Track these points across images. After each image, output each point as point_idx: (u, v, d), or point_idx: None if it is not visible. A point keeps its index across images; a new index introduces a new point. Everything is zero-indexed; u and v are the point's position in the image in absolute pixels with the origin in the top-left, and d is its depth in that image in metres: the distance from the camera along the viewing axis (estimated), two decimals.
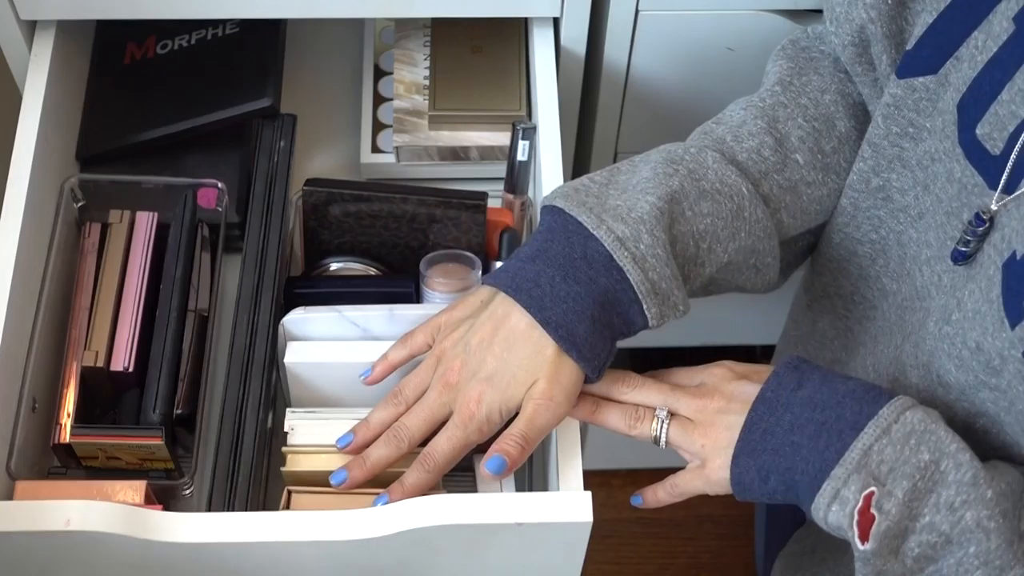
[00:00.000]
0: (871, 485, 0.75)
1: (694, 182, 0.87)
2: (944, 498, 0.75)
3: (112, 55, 1.14)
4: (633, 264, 0.82)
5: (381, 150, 1.15)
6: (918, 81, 0.83)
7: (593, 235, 0.83)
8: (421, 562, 0.88)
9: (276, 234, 1.01)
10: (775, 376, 0.81)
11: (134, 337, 0.98)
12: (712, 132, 0.92)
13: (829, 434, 0.77)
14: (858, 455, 0.76)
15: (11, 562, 0.85)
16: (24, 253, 0.94)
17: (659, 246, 0.83)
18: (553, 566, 0.90)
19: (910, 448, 0.76)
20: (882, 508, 0.75)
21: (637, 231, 0.83)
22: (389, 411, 0.89)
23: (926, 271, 0.84)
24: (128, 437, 0.93)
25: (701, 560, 1.79)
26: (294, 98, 1.14)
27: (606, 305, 0.83)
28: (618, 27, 1.11)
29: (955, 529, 0.75)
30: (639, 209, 0.84)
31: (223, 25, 1.13)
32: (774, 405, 0.80)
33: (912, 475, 0.75)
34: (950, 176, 0.80)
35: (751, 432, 0.81)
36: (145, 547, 0.82)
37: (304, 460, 0.91)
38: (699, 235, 0.86)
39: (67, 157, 1.08)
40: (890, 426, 0.76)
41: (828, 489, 0.76)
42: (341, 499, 0.89)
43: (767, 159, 0.90)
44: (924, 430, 0.76)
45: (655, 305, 0.83)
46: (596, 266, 0.83)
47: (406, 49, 1.16)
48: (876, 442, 0.76)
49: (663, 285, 0.83)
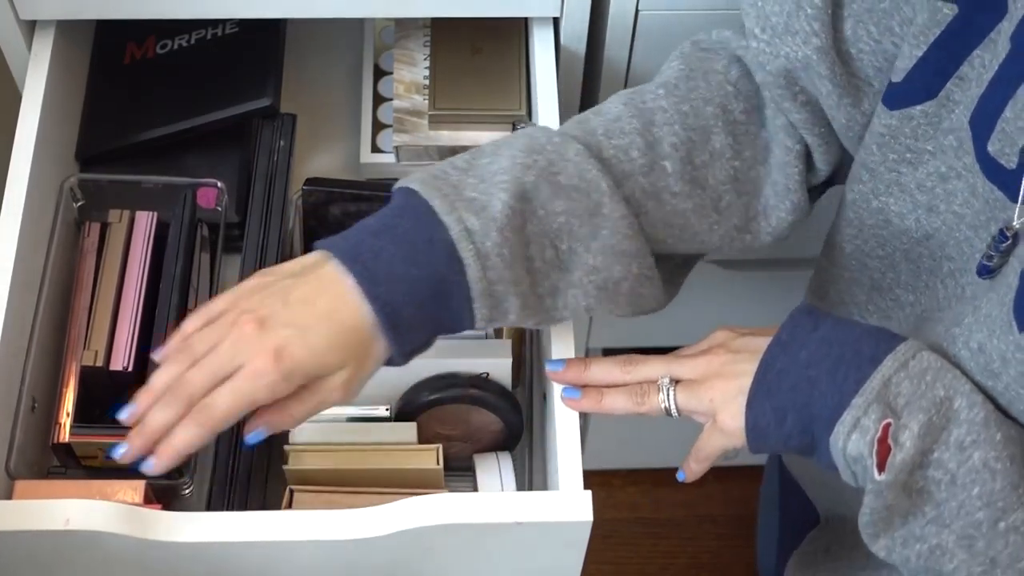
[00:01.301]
0: (888, 416, 0.76)
1: (550, 175, 0.83)
2: (955, 436, 0.75)
3: (112, 55, 1.14)
4: (475, 259, 0.80)
5: (381, 150, 1.14)
6: (916, 110, 0.82)
7: (443, 221, 0.80)
8: (421, 561, 0.88)
9: (276, 234, 1.01)
10: (790, 319, 0.82)
11: (133, 336, 0.98)
12: (586, 122, 0.89)
13: (848, 367, 0.78)
14: (878, 384, 0.76)
15: (10, 562, 0.85)
16: (24, 253, 0.94)
17: (506, 247, 0.80)
18: (553, 566, 0.90)
19: (926, 383, 0.76)
20: (898, 440, 0.75)
21: (487, 227, 0.80)
22: (172, 369, 0.79)
23: (949, 284, 0.84)
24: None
25: (701, 560, 1.79)
26: (294, 98, 1.14)
27: (438, 296, 0.80)
28: (618, 27, 1.11)
29: (961, 468, 0.75)
30: (492, 207, 0.81)
31: (223, 25, 1.13)
32: (789, 345, 0.80)
33: (928, 409, 0.76)
34: (973, 191, 0.80)
35: (766, 373, 0.81)
36: (144, 547, 0.82)
37: (307, 458, 0.91)
38: (554, 234, 0.83)
39: (67, 157, 1.08)
40: (907, 361, 0.77)
41: (848, 418, 0.77)
42: (344, 498, 0.89)
43: (634, 160, 0.86)
44: (940, 367, 0.77)
45: (486, 307, 0.81)
46: (438, 253, 0.80)
47: (406, 49, 1.16)
48: (895, 374, 0.77)
49: (499, 288, 0.80)
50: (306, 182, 1.02)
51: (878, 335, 0.80)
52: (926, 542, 0.78)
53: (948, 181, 0.82)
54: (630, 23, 1.11)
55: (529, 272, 0.82)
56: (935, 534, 0.77)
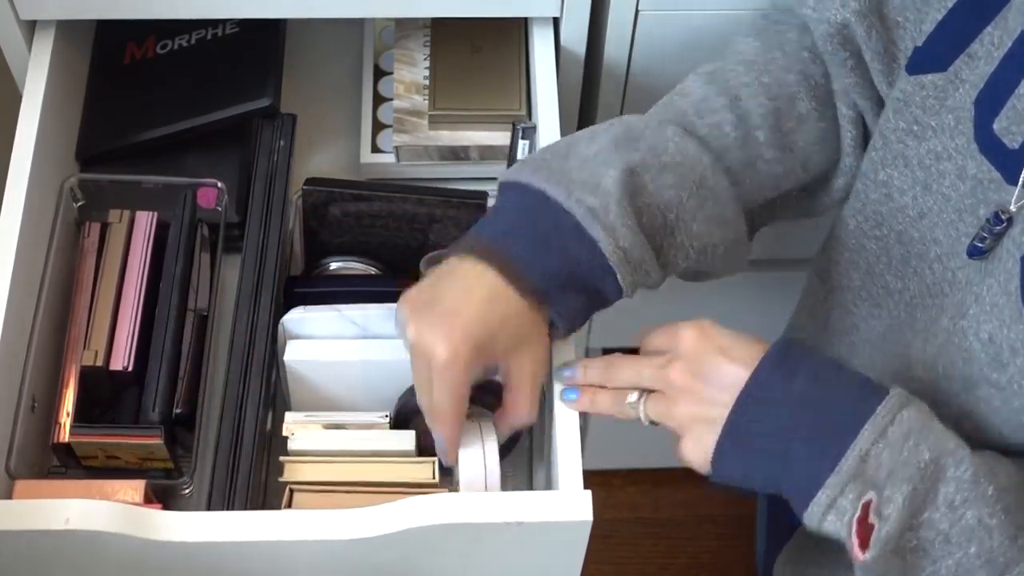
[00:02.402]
0: (869, 492, 0.73)
1: (654, 156, 0.87)
2: (944, 496, 0.73)
3: (112, 55, 1.14)
4: (605, 234, 0.83)
5: (381, 150, 1.14)
6: (927, 78, 0.83)
7: (564, 208, 0.83)
8: (421, 561, 0.88)
9: (276, 234, 1.01)
10: (764, 365, 0.78)
11: (133, 336, 0.98)
12: (674, 105, 0.92)
13: (823, 438, 0.74)
14: (855, 461, 0.73)
15: (10, 561, 0.85)
16: (24, 253, 0.94)
17: (627, 217, 0.83)
18: (553, 566, 0.90)
19: (908, 449, 0.73)
20: (882, 514, 0.73)
21: (606, 202, 0.83)
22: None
23: (937, 268, 0.84)
24: (127, 436, 0.93)
25: (701, 560, 1.79)
26: (294, 98, 1.14)
27: (576, 277, 0.84)
28: (618, 27, 1.11)
29: (954, 528, 0.73)
30: (604, 184, 0.84)
31: (223, 25, 1.13)
32: (762, 402, 0.77)
33: (912, 477, 0.73)
34: (961, 173, 0.80)
35: (735, 429, 0.78)
36: (144, 546, 0.82)
37: (302, 470, 0.91)
38: (664, 206, 0.86)
39: (67, 157, 1.08)
40: (886, 428, 0.74)
41: (823, 498, 0.74)
42: (344, 498, 0.89)
43: (728, 134, 0.90)
44: (922, 427, 0.74)
45: (628, 274, 0.84)
46: (567, 238, 0.83)
47: (406, 49, 1.16)
48: (873, 446, 0.73)
49: (635, 254, 0.84)
50: (306, 182, 1.02)
51: (859, 392, 0.76)
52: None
53: (940, 161, 0.82)
54: (630, 23, 1.11)
55: (649, 237, 0.85)
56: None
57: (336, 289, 1.01)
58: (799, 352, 0.79)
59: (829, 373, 0.78)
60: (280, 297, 0.99)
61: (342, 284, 1.03)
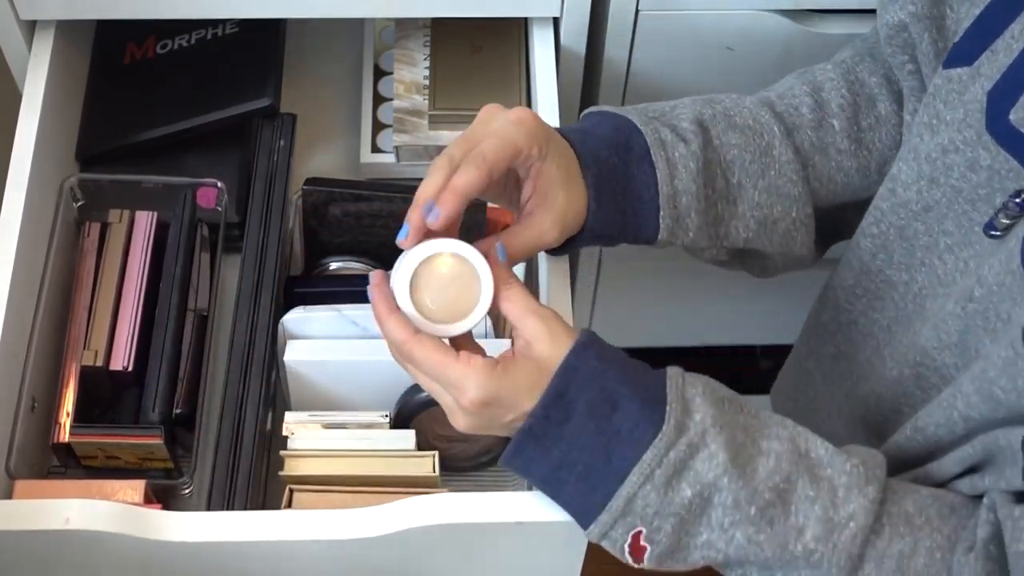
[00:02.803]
0: (638, 526, 0.77)
1: (727, 116, 0.91)
2: (715, 518, 0.77)
3: (112, 55, 1.14)
4: (666, 165, 0.86)
5: (381, 150, 1.14)
6: (955, 72, 0.84)
7: (639, 129, 0.87)
8: (421, 561, 0.88)
9: (276, 234, 1.01)
10: (541, 406, 0.77)
11: (133, 336, 0.98)
12: (761, 91, 0.96)
13: (595, 479, 0.78)
14: (622, 503, 0.77)
15: (10, 561, 0.85)
16: (24, 253, 0.94)
17: (692, 160, 0.87)
18: (553, 566, 0.90)
19: (672, 489, 0.77)
20: (653, 540, 0.78)
21: (676, 141, 0.87)
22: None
23: (948, 259, 0.84)
24: (127, 436, 0.93)
25: None
26: (294, 98, 1.14)
27: (628, 192, 0.86)
28: (618, 27, 1.11)
29: (731, 547, 0.77)
30: (680, 127, 0.89)
31: (223, 25, 1.13)
32: (540, 437, 0.78)
33: (678, 512, 0.77)
34: (973, 165, 0.80)
35: (515, 457, 0.79)
36: (144, 546, 0.82)
37: (302, 464, 0.91)
38: (727, 165, 0.89)
39: (67, 157, 1.08)
40: (653, 472, 0.76)
41: (595, 530, 0.79)
42: (344, 498, 0.89)
43: (803, 115, 0.93)
44: (683, 468, 0.76)
45: (670, 217, 0.86)
46: (633, 156, 0.86)
47: (406, 49, 1.16)
48: (639, 489, 0.77)
49: (683, 200, 0.87)
50: (306, 182, 1.02)
51: (628, 435, 0.77)
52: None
53: (947, 155, 0.82)
54: (630, 23, 1.11)
55: (705, 195, 0.88)
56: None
57: (336, 289, 1.01)
58: (577, 384, 0.78)
59: (605, 409, 0.78)
60: (280, 297, 0.99)
61: (342, 284, 1.03)
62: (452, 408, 0.79)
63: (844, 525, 0.76)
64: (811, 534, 0.77)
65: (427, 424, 0.98)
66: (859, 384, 0.94)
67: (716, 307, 1.49)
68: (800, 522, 0.77)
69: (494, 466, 1.04)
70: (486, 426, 0.79)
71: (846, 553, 0.76)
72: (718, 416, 0.78)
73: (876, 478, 0.78)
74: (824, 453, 0.79)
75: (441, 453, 0.93)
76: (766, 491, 0.77)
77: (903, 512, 0.78)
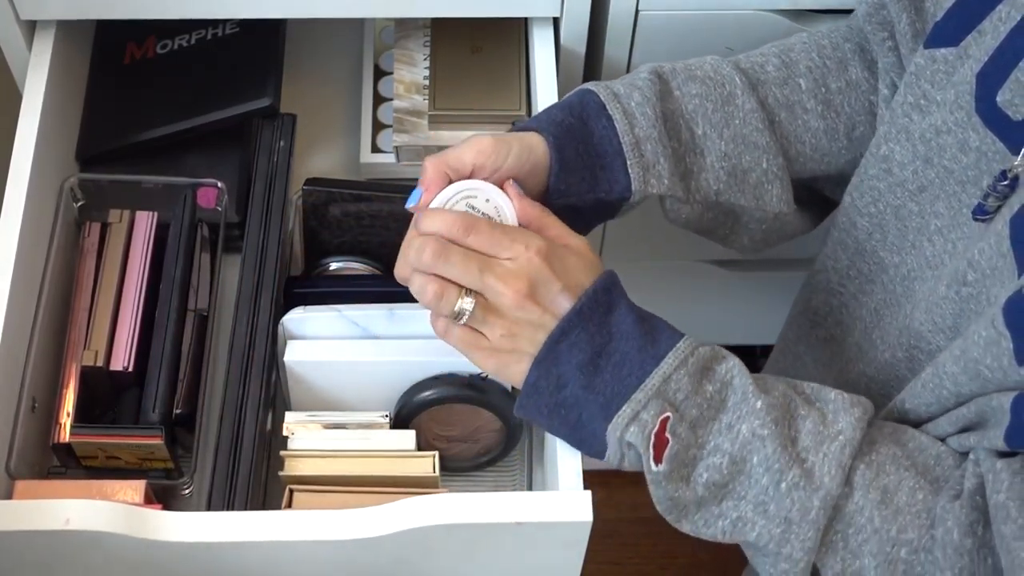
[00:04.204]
0: (667, 410, 0.80)
1: (687, 69, 0.92)
2: (724, 421, 0.80)
3: (112, 55, 1.14)
4: (623, 116, 0.88)
5: (381, 150, 1.15)
6: (939, 53, 0.84)
7: (592, 90, 0.89)
8: (421, 561, 0.88)
9: (276, 234, 1.01)
10: (588, 296, 0.82)
11: (134, 337, 0.98)
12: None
13: (631, 363, 0.81)
14: (658, 381, 0.80)
15: (10, 561, 0.85)
16: (24, 253, 0.94)
17: (648, 106, 0.88)
18: (553, 566, 0.90)
19: (701, 378, 0.81)
20: (675, 432, 0.80)
21: (630, 92, 0.89)
22: None
23: (937, 241, 0.85)
24: (128, 437, 0.93)
25: (701, 560, 1.79)
26: (294, 98, 1.14)
27: (590, 148, 0.87)
28: (618, 27, 1.11)
29: (735, 445, 0.80)
30: (635, 81, 0.90)
31: (223, 25, 1.14)
32: (584, 324, 0.81)
33: (700, 404, 0.81)
34: (963, 146, 0.81)
35: (558, 343, 0.81)
36: (144, 547, 0.82)
37: (302, 464, 0.91)
38: (689, 115, 0.90)
39: (67, 157, 1.08)
40: (687, 358, 0.81)
41: (627, 411, 0.80)
42: (344, 498, 0.89)
43: (768, 72, 0.94)
44: (708, 367, 0.82)
45: (638, 165, 0.87)
46: (588, 112, 0.88)
47: (406, 49, 1.16)
48: (675, 372, 0.80)
49: (647, 147, 0.88)
50: (306, 182, 1.02)
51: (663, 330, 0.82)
52: (727, 517, 0.81)
53: (940, 135, 0.83)
54: (630, 23, 1.11)
55: (672, 147, 0.89)
56: (734, 507, 0.81)
57: (336, 289, 1.01)
58: (617, 290, 0.83)
59: (637, 313, 0.83)
60: (280, 297, 1.00)
61: (342, 284, 1.03)
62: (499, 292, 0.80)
63: (834, 437, 0.80)
64: (803, 444, 0.80)
65: (427, 424, 0.98)
66: (848, 367, 0.95)
67: (716, 307, 1.49)
68: (793, 433, 0.80)
69: (494, 466, 1.04)
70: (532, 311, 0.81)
71: (836, 462, 0.79)
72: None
73: (860, 404, 0.82)
74: (811, 390, 0.83)
75: (441, 453, 0.93)
76: (773, 394, 0.81)
77: (892, 452, 0.81)
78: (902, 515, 0.78)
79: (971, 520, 0.75)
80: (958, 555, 0.75)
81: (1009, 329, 0.73)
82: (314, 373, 0.95)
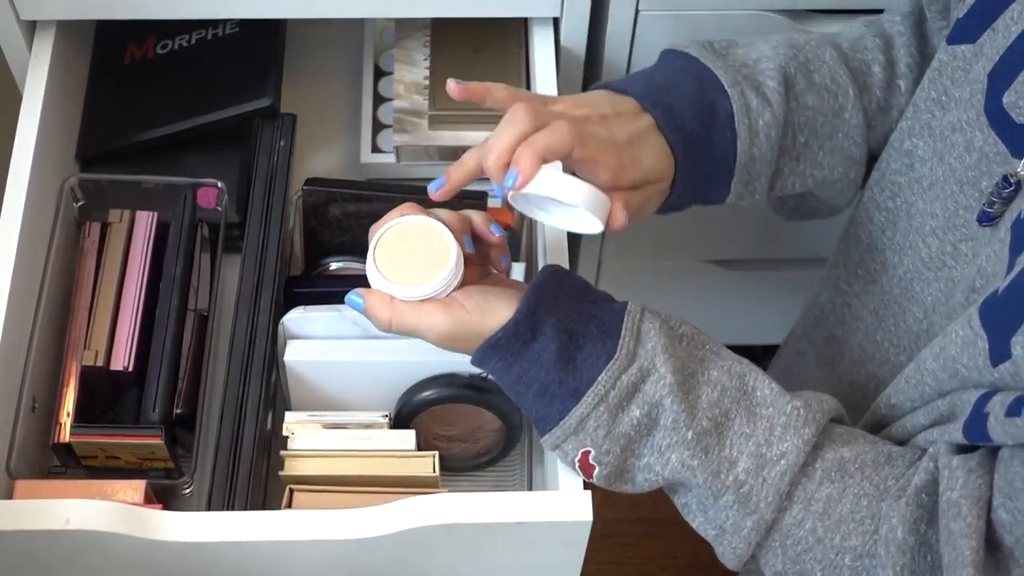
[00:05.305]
0: (587, 445, 0.81)
1: (807, 73, 0.90)
2: (655, 441, 0.81)
3: (112, 55, 1.14)
4: (748, 135, 0.86)
5: (381, 150, 1.15)
6: (959, 49, 0.84)
7: (726, 91, 0.87)
8: (421, 561, 0.88)
9: (276, 234, 1.01)
10: (512, 323, 0.81)
11: (134, 336, 0.98)
12: (831, 37, 0.95)
13: (551, 395, 0.81)
14: (575, 422, 0.80)
15: (11, 561, 0.85)
16: (24, 253, 0.94)
17: (774, 128, 0.87)
18: (553, 566, 0.90)
19: (623, 410, 0.80)
20: (601, 461, 0.81)
21: (762, 108, 0.87)
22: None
23: (932, 242, 0.84)
24: (128, 436, 0.93)
25: (701, 560, 1.78)
26: (294, 98, 1.14)
27: (701, 155, 0.86)
28: (618, 27, 1.11)
29: (666, 470, 0.80)
30: (767, 88, 0.88)
31: (223, 25, 1.14)
32: (505, 352, 0.81)
33: (627, 433, 0.80)
34: (969, 146, 0.81)
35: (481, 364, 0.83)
36: (144, 546, 0.82)
37: (302, 464, 0.91)
38: (799, 126, 0.90)
39: (67, 157, 1.08)
40: (607, 392, 0.80)
41: (549, 441, 0.82)
42: (344, 498, 0.89)
43: (875, 75, 0.93)
44: (635, 390, 0.80)
45: (741, 182, 0.88)
46: (716, 122, 0.86)
47: (406, 49, 1.16)
48: (593, 411, 0.80)
49: (757, 167, 0.87)
50: (306, 182, 1.02)
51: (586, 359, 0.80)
52: (673, 499, 0.84)
53: (955, 132, 0.83)
54: (630, 23, 1.11)
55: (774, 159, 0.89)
56: (679, 496, 0.83)
57: (336, 289, 1.01)
58: (544, 308, 0.82)
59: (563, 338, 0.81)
60: (280, 297, 0.99)
61: (342, 284, 1.02)
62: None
63: (775, 462, 0.79)
64: (742, 467, 0.79)
65: (427, 424, 0.98)
66: (853, 368, 0.94)
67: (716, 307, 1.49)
68: (733, 455, 0.80)
69: (494, 466, 1.04)
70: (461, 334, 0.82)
71: (775, 489, 0.79)
72: (668, 346, 0.81)
73: (815, 421, 0.80)
74: (769, 393, 0.81)
75: (441, 453, 0.93)
76: (704, 419, 0.80)
77: (839, 458, 0.80)
78: (846, 523, 0.78)
79: (915, 518, 0.76)
80: (900, 552, 0.75)
81: (985, 330, 0.73)
82: (314, 373, 0.95)
